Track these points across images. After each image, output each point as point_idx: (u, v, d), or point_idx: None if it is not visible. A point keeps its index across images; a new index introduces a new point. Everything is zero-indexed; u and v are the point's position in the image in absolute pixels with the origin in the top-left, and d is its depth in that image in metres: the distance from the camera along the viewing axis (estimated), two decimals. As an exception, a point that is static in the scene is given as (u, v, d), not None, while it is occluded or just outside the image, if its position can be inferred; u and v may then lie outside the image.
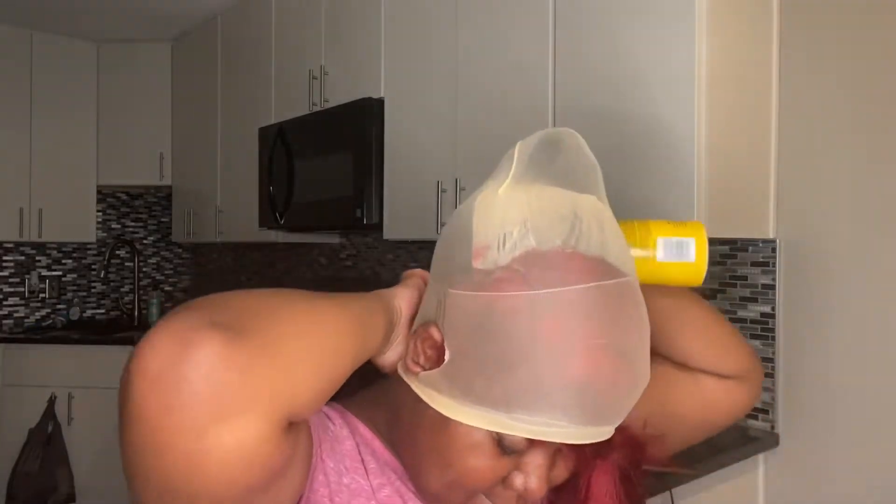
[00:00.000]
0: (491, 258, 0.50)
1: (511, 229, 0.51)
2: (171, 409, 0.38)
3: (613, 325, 0.49)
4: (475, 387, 0.49)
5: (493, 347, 0.48)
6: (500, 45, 1.91)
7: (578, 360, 0.47)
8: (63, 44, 3.57)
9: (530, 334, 0.48)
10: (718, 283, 1.80)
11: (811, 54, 1.67)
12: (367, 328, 0.52)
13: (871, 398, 1.57)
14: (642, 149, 1.57)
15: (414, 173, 2.16)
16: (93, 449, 3.24)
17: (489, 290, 0.49)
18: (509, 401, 0.48)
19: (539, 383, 0.47)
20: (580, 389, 0.47)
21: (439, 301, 0.53)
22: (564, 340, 0.47)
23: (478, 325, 0.49)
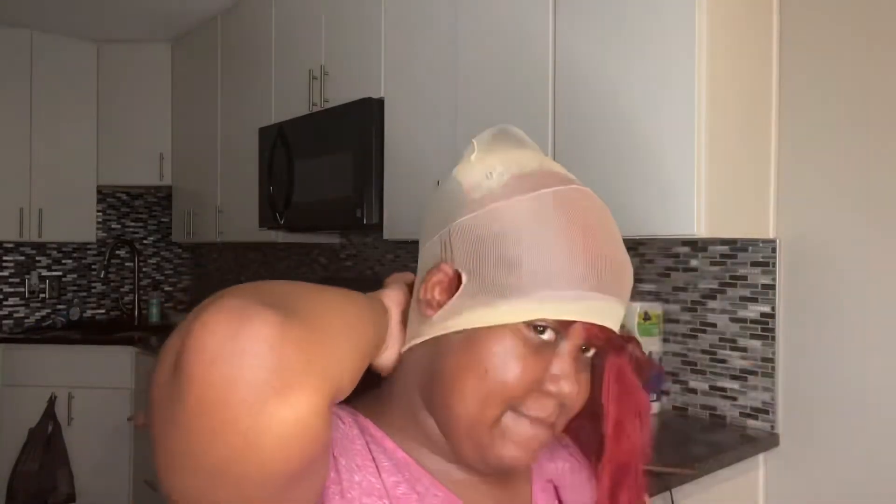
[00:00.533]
0: (484, 186, 0.57)
1: (494, 166, 0.59)
2: (234, 382, 0.38)
3: (594, 213, 0.57)
4: (498, 282, 0.54)
5: (504, 241, 0.54)
6: (500, 45, 1.91)
7: (581, 235, 0.54)
8: (63, 44, 3.57)
9: (534, 222, 0.54)
10: (718, 284, 1.80)
11: (811, 55, 1.67)
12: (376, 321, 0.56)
13: (872, 398, 1.57)
14: (642, 149, 1.57)
15: (414, 173, 2.16)
16: (93, 449, 3.24)
17: (489, 205, 0.56)
18: (532, 281, 0.53)
19: (555, 259, 0.53)
20: (590, 258, 0.54)
21: (442, 244, 0.58)
22: (565, 222, 0.54)
23: (486, 231, 0.55)
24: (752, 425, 1.74)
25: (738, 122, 1.62)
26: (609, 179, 1.60)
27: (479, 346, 0.55)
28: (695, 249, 1.85)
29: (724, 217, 1.55)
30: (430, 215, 0.62)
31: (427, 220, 0.63)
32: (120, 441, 3.25)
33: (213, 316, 0.40)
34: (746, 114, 1.66)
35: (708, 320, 1.82)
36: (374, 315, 0.57)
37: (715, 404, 1.81)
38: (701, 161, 1.48)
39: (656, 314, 1.84)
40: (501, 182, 0.57)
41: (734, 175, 1.60)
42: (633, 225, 1.55)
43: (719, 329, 1.80)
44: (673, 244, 1.89)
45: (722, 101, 1.54)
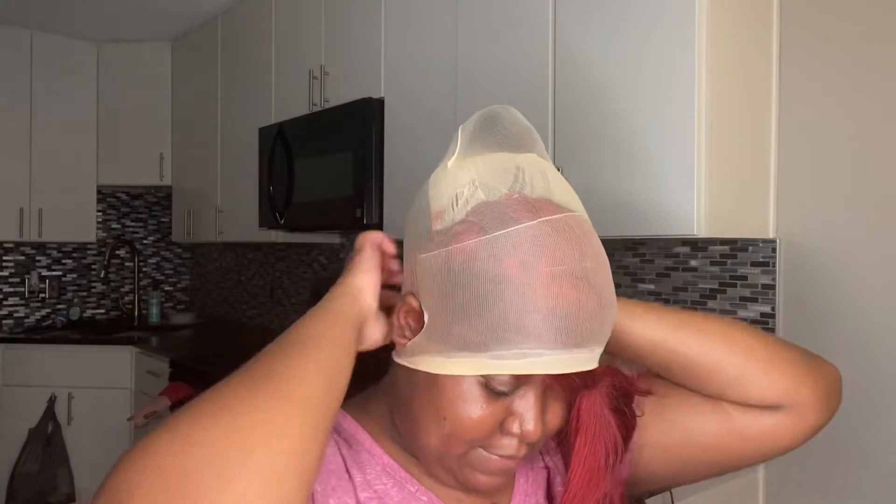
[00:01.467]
0: (448, 218, 0.55)
1: (461, 189, 0.56)
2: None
3: (567, 253, 0.52)
4: (453, 335, 0.52)
5: (462, 294, 0.52)
6: (500, 45, 1.91)
7: (541, 289, 0.50)
8: (63, 44, 3.57)
9: (493, 274, 0.51)
10: (718, 284, 1.80)
11: (811, 55, 1.67)
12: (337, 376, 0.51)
13: (872, 398, 1.57)
14: (642, 149, 1.57)
15: (414, 173, 2.16)
16: (93, 449, 3.24)
17: (449, 244, 0.53)
18: (487, 340, 0.51)
19: (510, 317, 0.50)
20: (548, 314, 0.50)
21: (412, 271, 0.57)
22: (524, 273, 0.50)
23: (445, 278, 0.53)
24: (752, 425, 1.74)
25: (739, 122, 1.62)
26: (609, 179, 1.60)
27: (439, 391, 0.54)
28: (695, 249, 1.85)
29: (724, 217, 1.55)
30: (409, 225, 0.62)
31: (407, 227, 0.62)
32: (120, 441, 3.25)
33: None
34: (746, 114, 1.66)
35: (708, 320, 1.81)
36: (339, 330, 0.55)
37: (715, 404, 1.81)
38: (701, 161, 1.48)
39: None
40: (465, 212, 0.54)
41: (734, 175, 1.60)
42: (633, 225, 1.55)
43: (719, 329, 1.79)
44: (673, 244, 1.89)
45: (722, 101, 1.53)
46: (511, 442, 0.55)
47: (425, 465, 0.59)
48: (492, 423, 0.54)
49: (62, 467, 3.18)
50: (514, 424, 0.54)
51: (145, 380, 3.12)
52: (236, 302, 3.83)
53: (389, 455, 0.61)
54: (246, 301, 3.75)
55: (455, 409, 0.53)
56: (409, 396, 0.57)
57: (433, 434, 0.55)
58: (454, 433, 0.54)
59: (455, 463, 0.56)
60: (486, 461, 0.56)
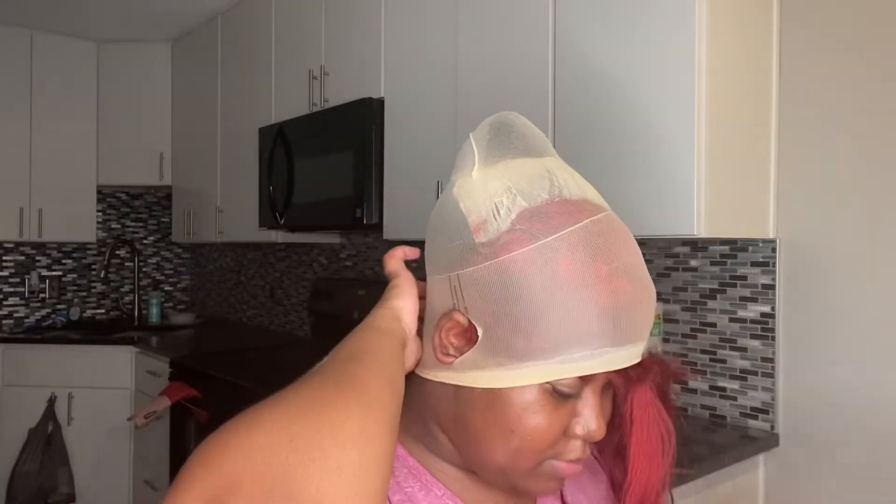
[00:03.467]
0: (492, 228, 0.54)
1: (500, 198, 0.55)
2: None
3: (617, 251, 0.53)
4: (516, 346, 0.52)
5: (521, 304, 0.51)
6: (500, 45, 1.91)
7: (602, 287, 0.51)
8: (63, 44, 3.57)
9: (551, 279, 0.51)
10: (718, 284, 1.80)
11: (811, 54, 1.67)
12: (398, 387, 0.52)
13: (871, 398, 1.57)
14: (642, 149, 1.57)
15: (414, 173, 2.16)
16: (93, 449, 3.24)
17: (501, 255, 0.52)
18: (553, 346, 0.51)
19: (574, 319, 0.51)
20: (611, 311, 0.51)
21: (453, 288, 0.56)
22: (583, 274, 0.51)
23: (501, 289, 0.52)
24: (752, 425, 1.74)
25: (739, 122, 1.62)
26: (609, 179, 1.60)
27: (504, 405, 0.53)
28: (695, 249, 1.85)
29: (724, 217, 1.55)
30: (436, 241, 0.59)
31: (434, 244, 0.59)
32: (120, 441, 3.25)
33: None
34: (746, 114, 1.66)
35: (708, 320, 1.82)
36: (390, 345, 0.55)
37: (715, 404, 1.81)
38: (701, 161, 1.48)
39: (656, 314, 1.84)
40: (510, 221, 0.53)
41: (734, 175, 1.60)
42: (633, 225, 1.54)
43: (719, 329, 1.80)
44: (673, 244, 1.89)
45: (722, 101, 1.53)
46: (577, 445, 0.55)
47: (482, 475, 0.58)
48: (559, 429, 0.54)
49: (62, 467, 3.18)
50: (579, 426, 0.54)
51: (145, 380, 3.12)
52: (236, 302, 3.83)
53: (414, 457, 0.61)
54: (246, 301, 3.75)
55: (524, 422, 0.53)
56: (464, 414, 0.56)
57: (499, 450, 0.54)
58: (524, 445, 0.53)
59: (521, 475, 0.56)
60: (556, 469, 0.55)
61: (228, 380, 2.42)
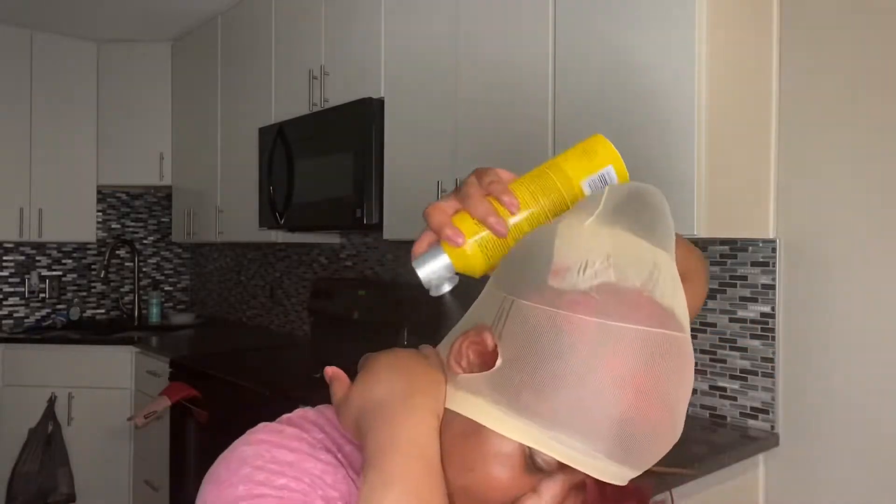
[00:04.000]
0: (569, 280, 0.51)
1: (594, 259, 0.51)
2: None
3: (669, 376, 0.50)
4: (522, 398, 0.50)
5: (551, 364, 0.49)
6: (500, 45, 1.91)
7: (629, 398, 0.48)
8: (63, 44, 3.57)
9: (592, 360, 0.48)
10: (718, 284, 1.80)
11: (811, 54, 1.67)
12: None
13: (871, 398, 1.57)
14: (642, 149, 1.57)
15: (414, 173, 2.16)
16: (93, 449, 3.24)
17: (560, 308, 0.50)
18: (554, 419, 0.49)
19: (587, 409, 0.48)
20: (624, 426, 0.48)
21: (500, 309, 0.53)
22: (621, 375, 0.48)
23: (540, 338, 0.50)
24: (752, 425, 1.74)
25: (739, 122, 1.62)
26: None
27: (478, 442, 0.52)
28: (695, 249, 1.85)
29: (724, 217, 1.55)
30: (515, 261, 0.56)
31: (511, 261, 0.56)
32: (120, 441, 3.25)
33: None
34: (747, 114, 1.66)
35: (708, 320, 1.82)
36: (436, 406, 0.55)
37: (715, 404, 1.81)
38: (701, 161, 1.48)
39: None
40: (590, 284, 0.50)
41: (734, 175, 1.60)
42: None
43: (719, 329, 1.80)
44: (673, 244, 1.88)
45: (722, 100, 1.53)
46: None
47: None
48: (514, 493, 0.52)
49: (62, 467, 3.18)
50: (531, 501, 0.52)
51: (145, 380, 3.12)
52: (236, 302, 3.83)
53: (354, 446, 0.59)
54: (246, 301, 3.75)
55: (487, 468, 0.51)
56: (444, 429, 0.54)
57: (451, 477, 0.53)
58: (472, 488, 0.52)
59: None
60: None
61: (228, 380, 2.42)
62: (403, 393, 0.53)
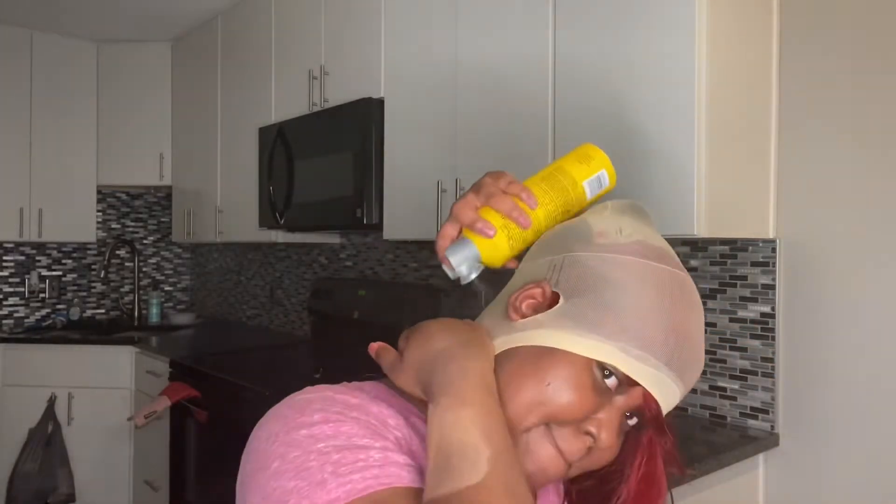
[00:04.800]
0: (611, 237, 0.61)
1: (625, 226, 0.62)
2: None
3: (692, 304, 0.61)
4: (588, 317, 0.57)
5: (610, 290, 0.57)
6: (500, 46, 1.91)
7: (677, 315, 0.58)
8: (63, 44, 3.57)
9: (646, 286, 0.58)
10: (718, 284, 1.80)
11: (811, 54, 1.67)
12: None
13: (872, 398, 1.57)
14: (642, 149, 1.57)
15: (414, 173, 2.16)
16: (93, 449, 3.24)
17: (611, 252, 0.59)
18: (619, 329, 0.56)
19: (648, 321, 0.57)
20: (673, 335, 0.57)
21: (552, 266, 0.61)
22: (668, 301, 0.58)
23: (599, 274, 0.58)
24: (752, 425, 1.74)
25: (739, 122, 1.62)
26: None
27: (551, 362, 0.57)
28: (695, 249, 1.85)
29: (724, 217, 1.55)
30: (549, 239, 0.65)
31: (544, 241, 0.65)
32: (120, 441, 3.25)
33: None
34: (747, 114, 1.66)
35: (708, 320, 1.82)
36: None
37: (715, 404, 1.81)
38: (701, 161, 1.48)
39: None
40: (628, 241, 0.60)
41: (734, 175, 1.60)
42: (633, 225, 1.55)
43: (719, 329, 1.80)
44: (673, 244, 1.88)
45: (722, 101, 1.53)
46: (579, 442, 0.57)
47: None
48: (581, 410, 0.56)
49: (62, 467, 3.18)
50: (593, 425, 0.57)
51: (145, 380, 3.12)
52: (236, 302, 3.83)
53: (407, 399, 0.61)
54: (246, 301, 3.75)
55: (562, 382, 0.56)
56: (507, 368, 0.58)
57: (521, 400, 0.56)
58: (546, 401, 0.56)
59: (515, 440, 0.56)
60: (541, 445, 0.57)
61: (228, 380, 2.42)
62: (461, 342, 0.57)
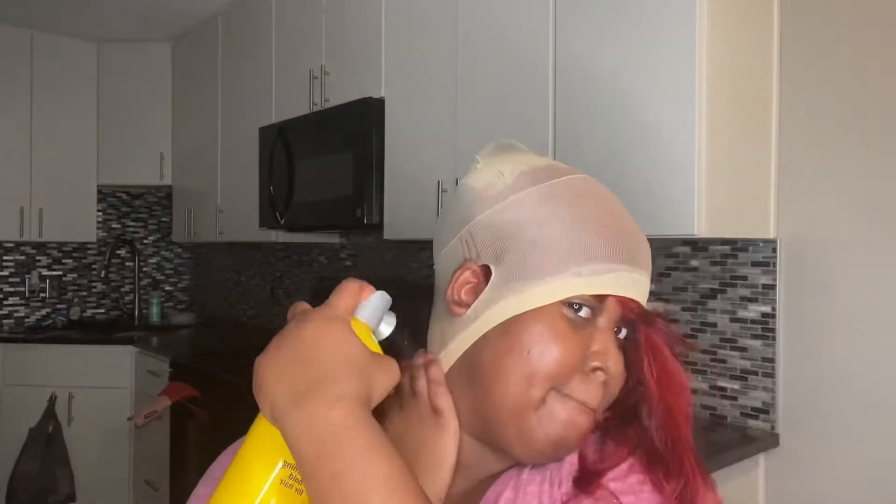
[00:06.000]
0: (498, 186, 0.58)
1: (502, 167, 0.59)
2: None
3: (608, 195, 0.59)
4: (529, 264, 0.54)
5: (531, 228, 0.55)
6: (500, 46, 1.91)
7: (604, 212, 0.56)
8: (63, 44, 3.57)
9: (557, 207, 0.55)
10: (719, 284, 1.80)
11: (811, 54, 1.67)
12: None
13: (872, 398, 1.57)
14: (642, 149, 1.57)
15: (414, 173, 2.16)
16: (93, 449, 3.24)
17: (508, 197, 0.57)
18: (566, 260, 0.54)
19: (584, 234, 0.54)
20: (614, 230, 0.55)
21: (464, 242, 0.58)
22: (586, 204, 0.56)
23: (513, 222, 0.56)
24: (752, 425, 1.74)
25: (739, 122, 1.62)
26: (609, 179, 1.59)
27: (519, 329, 0.54)
28: (695, 249, 1.85)
29: (724, 217, 1.55)
30: (444, 222, 0.62)
31: (442, 227, 0.62)
32: (120, 441, 3.25)
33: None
34: (747, 114, 1.66)
35: (708, 320, 1.82)
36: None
37: (715, 404, 1.81)
38: (701, 161, 1.48)
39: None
40: (514, 178, 0.58)
41: (734, 175, 1.60)
42: (633, 225, 1.55)
43: (719, 329, 1.80)
44: (673, 244, 1.89)
45: (722, 101, 1.53)
46: (592, 385, 0.54)
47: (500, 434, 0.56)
48: (574, 356, 0.54)
49: (62, 467, 3.18)
50: (595, 359, 0.54)
51: (145, 380, 3.12)
52: (236, 302, 3.83)
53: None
54: (246, 301, 3.75)
55: (540, 343, 0.53)
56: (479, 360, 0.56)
57: (512, 378, 0.54)
58: (538, 368, 0.53)
59: (532, 417, 0.54)
60: (565, 405, 0.54)
61: (228, 380, 2.42)
62: (292, 394, 0.45)
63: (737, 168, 1.61)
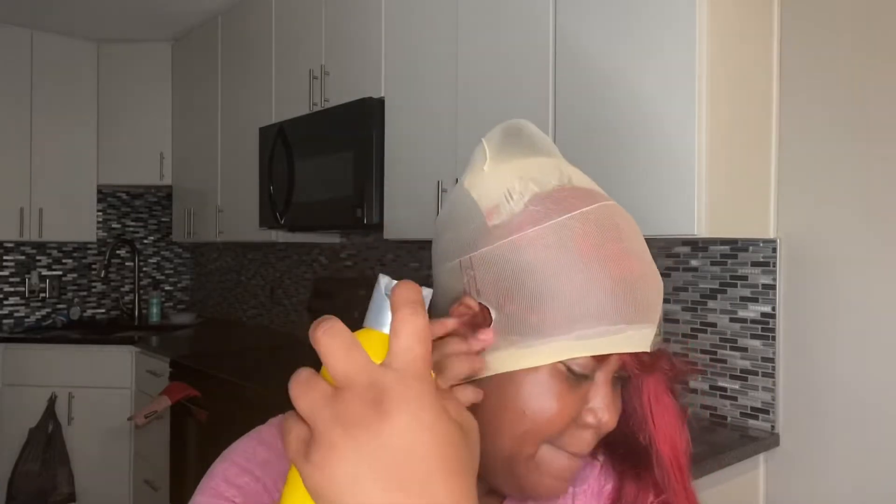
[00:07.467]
0: (504, 211, 0.54)
1: (512, 185, 0.55)
2: None
3: (626, 233, 0.54)
4: (530, 322, 0.52)
5: (535, 279, 0.52)
6: (500, 46, 1.91)
7: (612, 264, 0.52)
8: (63, 44, 3.57)
9: (565, 254, 0.52)
10: (719, 284, 1.80)
11: (811, 54, 1.67)
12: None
13: (871, 398, 1.57)
14: (643, 149, 1.57)
15: (414, 173, 2.16)
16: (93, 449, 3.24)
17: (514, 234, 0.53)
18: (567, 320, 0.51)
19: (587, 293, 0.51)
20: (623, 286, 0.52)
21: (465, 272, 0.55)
22: (594, 251, 0.52)
23: (515, 267, 0.52)
24: (753, 425, 1.74)
25: (739, 122, 1.62)
26: (610, 179, 1.59)
27: (516, 387, 0.53)
28: (695, 249, 1.85)
29: (724, 217, 1.55)
30: (447, 232, 0.59)
31: (443, 237, 0.59)
32: (120, 441, 3.25)
33: None
34: (747, 114, 1.66)
35: (708, 320, 1.82)
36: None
37: (715, 404, 1.81)
38: (701, 161, 1.48)
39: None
40: (522, 204, 0.54)
41: (734, 175, 1.60)
42: (633, 225, 1.55)
43: (719, 329, 1.80)
44: (673, 244, 1.89)
45: (722, 101, 1.53)
46: (584, 436, 0.54)
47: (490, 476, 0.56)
48: (569, 415, 0.53)
49: (62, 467, 3.18)
50: (590, 416, 0.54)
51: (145, 380, 3.12)
52: (236, 302, 3.83)
53: None
54: (246, 301, 3.75)
55: (536, 403, 0.52)
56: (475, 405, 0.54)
57: (507, 435, 0.53)
58: (533, 429, 0.53)
59: (523, 467, 0.54)
60: (554, 459, 0.55)
61: (228, 380, 2.42)
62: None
63: (737, 168, 1.61)
